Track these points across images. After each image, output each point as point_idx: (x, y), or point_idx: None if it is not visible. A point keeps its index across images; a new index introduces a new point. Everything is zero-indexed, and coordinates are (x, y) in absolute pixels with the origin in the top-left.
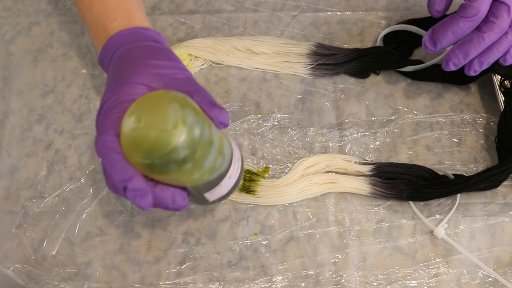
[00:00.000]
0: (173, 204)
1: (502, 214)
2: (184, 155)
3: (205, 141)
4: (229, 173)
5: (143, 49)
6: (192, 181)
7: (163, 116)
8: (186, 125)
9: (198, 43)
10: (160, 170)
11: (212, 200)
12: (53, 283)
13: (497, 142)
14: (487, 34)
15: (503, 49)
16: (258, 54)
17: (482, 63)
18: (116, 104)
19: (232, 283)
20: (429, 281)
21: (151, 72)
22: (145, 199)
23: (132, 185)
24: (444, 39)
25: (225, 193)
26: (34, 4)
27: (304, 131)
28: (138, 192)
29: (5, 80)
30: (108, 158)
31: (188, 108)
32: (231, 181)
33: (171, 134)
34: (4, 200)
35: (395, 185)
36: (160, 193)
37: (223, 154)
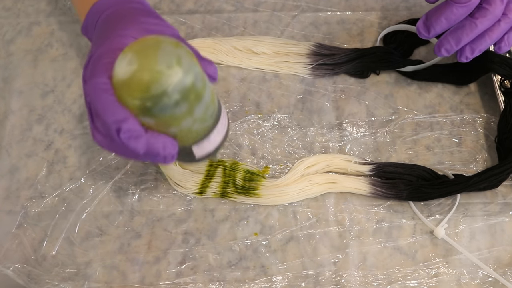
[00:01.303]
0: (164, 151)
1: (502, 214)
2: (178, 96)
3: (200, 85)
4: (217, 127)
5: (130, 10)
6: (183, 129)
7: (157, 58)
8: (182, 66)
9: (198, 43)
10: (153, 113)
11: (199, 156)
12: (53, 283)
13: (497, 142)
14: (479, 21)
15: (495, 37)
16: (258, 54)
17: (474, 50)
18: (107, 51)
19: (232, 283)
20: (429, 281)
21: (140, 27)
22: (139, 141)
23: (127, 126)
24: (437, 25)
25: (212, 149)
26: (34, 4)
27: (304, 131)
28: (132, 133)
29: (5, 80)
30: (101, 100)
31: (183, 50)
32: (219, 137)
33: (166, 75)
34: (4, 200)
35: (395, 185)
36: (151, 139)
37: (214, 105)
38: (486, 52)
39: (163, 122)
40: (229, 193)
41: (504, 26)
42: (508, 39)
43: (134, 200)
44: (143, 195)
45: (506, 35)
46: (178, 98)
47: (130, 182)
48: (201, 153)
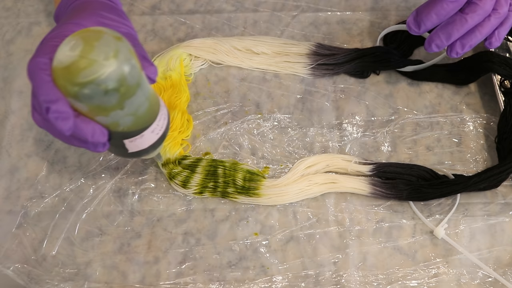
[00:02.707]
0: (92, 137)
1: (502, 214)
2: (109, 86)
3: (133, 81)
4: (152, 126)
5: (95, 3)
6: (112, 119)
7: (95, 47)
8: (117, 59)
9: (198, 43)
10: (84, 99)
11: (131, 151)
12: (53, 283)
13: (497, 142)
14: (470, 16)
15: (485, 32)
16: (258, 54)
17: (464, 45)
18: (56, 35)
19: (232, 283)
20: (429, 281)
21: (98, 20)
22: (66, 122)
23: (56, 107)
24: (428, 20)
25: (145, 147)
26: (34, 4)
27: (304, 131)
28: (60, 114)
29: (5, 80)
30: (37, 78)
31: (123, 45)
32: (153, 136)
33: (101, 64)
34: (4, 200)
35: (395, 185)
36: (81, 123)
37: (150, 104)
38: (486, 52)
39: (93, 109)
40: (229, 193)
41: (495, 22)
42: (498, 34)
43: (134, 200)
44: (143, 195)
45: (496, 30)
46: (109, 88)
47: (130, 182)
48: (133, 149)
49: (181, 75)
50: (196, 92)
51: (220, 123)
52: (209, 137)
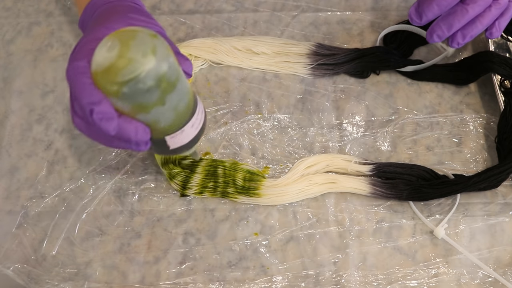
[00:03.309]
0: (135, 136)
1: (502, 214)
2: (150, 83)
3: (173, 77)
4: (192, 121)
5: (122, 7)
6: (154, 117)
7: (132, 46)
8: (156, 56)
9: (198, 43)
10: (126, 98)
11: (172, 147)
12: (53, 283)
13: (497, 142)
14: (471, 6)
15: (486, 23)
16: (258, 54)
17: (465, 36)
18: (91, 40)
19: (232, 283)
20: (429, 281)
21: (128, 22)
22: (110, 123)
23: (99, 108)
24: (429, 11)
25: (186, 142)
26: (34, 4)
27: (304, 131)
28: (104, 115)
29: (5, 80)
30: (78, 82)
31: (159, 41)
32: (193, 131)
33: (139, 62)
34: (4, 200)
35: (395, 185)
36: (124, 123)
37: (189, 98)
38: (486, 52)
39: (135, 108)
40: (229, 193)
41: (495, 12)
42: (499, 25)
43: (134, 200)
44: (143, 195)
45: (497, 20)
46: (150, 85)
47: (130, 182)
48: (174, 145)
49: None
50: (196, 92)
51: (220, 123)
52: (209, 137)
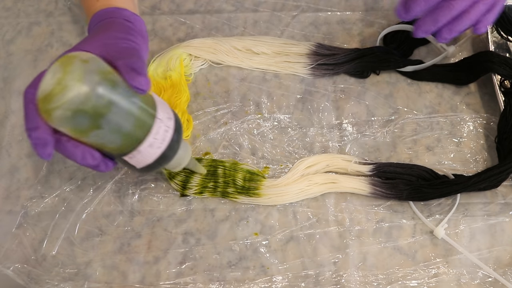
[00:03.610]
0: (82, 160)
1: (502, 214)
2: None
3: (102, 100)
4: (148, 140)
5: (110, 24)
6: (97, 140)
7: (68, 73)
8: (83, 82)
9: (198, 43)
10: (58, 124)
11: (139, 167)
12: (53, 283)
13: (497, 142)
14: (456, 2)
15: (473, 18)
16: (258, 54)
17: (452, 31)
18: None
19: (232, 283)
20: (429, 281)
21: (101, 42)
22: (44, 149)
23: (36, 134)
24: (416, 6)
25: (150, 162)
26: (34, 4)
27: (304, 131)
28: (39, 141)
29: (5, 80)
30: (25, 107)
31: (90, 68)
32: (155, 151)
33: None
34: (4, 200)
35: (395, 185)
36: (71, 148)
37: (136, 118)
38: (486, 52)
39: (74, 132)
40: (229, 193)
41: (483, 7)
42: (485, 21)
43: (134, 200)
44: (143, 195)
45: (484, 16)
46: (74, 111)
47: (130, 182)
48: (139, 164)
49: (181, 75)
50: (196, 92)
51: (220, 123)
52: (209, 137)
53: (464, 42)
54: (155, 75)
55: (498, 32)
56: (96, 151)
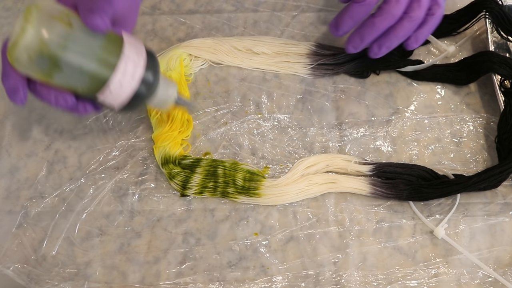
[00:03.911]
0: (55, 102)
1: (502, 214)
2: (29, 54)
3: (58, 43)
4: (115, 79)
5: None
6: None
7: (24, 21)
8: (36, 26)
9: (198, 43)
10: (22, 69)
11: (117, 106)
12: (53, 283)
13: (497, 142)
14: (378, 19)
15: (401, 35)
16: (258, 54)
17: (381, 47)
18: None
19: (232, 283)
20: (429, 281)
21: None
22: (15, 95)
23: (7, 82)
24: (344, 23)
25: (126, 101)
26: None
27: (304, 131)
28: (10, 88)
29: None
30: (1, 59)
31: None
32: (125, 90)
33: (24, 33)
34: (4, 200)
35: (395, 185)
36: (44, 92)
37: (97, 57)
38: (486, 52)
39: (41, 76)
40: (229, 193)
41: (408, 24)
42: (415, 37)
43: (134, 200)
44: (143, 195)
45: (415, 33)
46: (32, 56)
47: (130, 182)
48: (116, 104)
49: (181, 75)
50: (196, 92)
51: (220, 123)
52: (209, 137)
53: (464, 42)
54: None
55: (498, 32)
56: (70, 94)
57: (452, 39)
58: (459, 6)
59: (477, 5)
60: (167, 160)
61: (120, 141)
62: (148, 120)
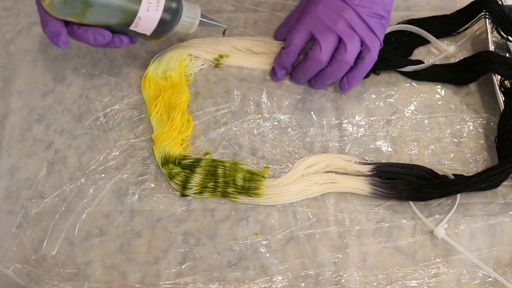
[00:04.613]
0: (94, 41)
1: (502, 214)
2: None
3: None
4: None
5: None
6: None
7: None
8: None
9: (198, 43)
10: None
11: (149, 33)
12: (53, 283)
13: (497, 142)
14: (307, 64)
15: (331, 77)
16: (258, 54)
17: (317, 83)
18: None
19: (232, 283)
20: (429, 281)
21: None
22: (58, 39)
23: (47, 29)
24: (278, 69)
25: (156, 26)
26: (34, 4)
27: (304, 131)
28: (51, 33)
29: (5, 80)
30: (38, 10)
31: None
32: (154, 14)
33: None
34: (4, 200)
35: (395, 185)
36: (82, 33)
37: None
38: (486, 52)
39: (75, 17)
40: (229, 193)
41: (337, 67)
42: (347, 80)
43: (134, 200)
44: (143, 195)
45: (346, 75)
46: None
47: (130, 182)
48: (148, 31)
49: (181, 75)
50: (196, 92)
51: (220, 123)
52: (209, 137)
53: (464, 42)
54: (155, 75)
55: (498, 32)
56: (105, 29)
57: (452, 39)
58: (459, 6)
59: (477, 5)
60: (167, 160)
61: (120, 141)
62: (148, 120)
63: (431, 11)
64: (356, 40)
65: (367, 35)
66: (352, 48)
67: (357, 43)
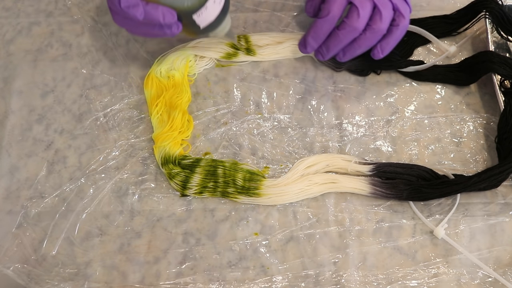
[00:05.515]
0: (163, 19)
1: (502, 214)
2: None
3: None
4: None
5: None
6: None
7: None
8: None
9: (205, 43)
10: None
11: (202, 25)
12: (53, 283)
13: (497, 142)
14: (341, 32)
15: (365, 45)
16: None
17: (345, 54)
18: None
19: (232, 283)
20: (429, 281)
21: None
22: (136, 9)
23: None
24: (311, 40)
25: (213, 18)
26: (34, 4)
27: (304, 131)
28: (129, 3)
29: (5, 80)
30: None
31: None
32: (216, 6)
33: None
34: (4, 200)
35: (395, 185)
36: (151, 10)
37: None
38: (486, 52)
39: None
40: (229, 193)
41: (371, 35)
42: (381, 47)
43: (134, 200)
44: (143, 195)
45: (380, 43)
46: None
47: (130, 182)
48: (203, 22)
49: (184, 76)
50: (196, 92)
51: (220, 123)
52: (209, 137)
53: (464, 42)
54: (158, 73)
55: (498, 32)
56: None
57: (452, 39)
58: (459, 6)
59: (477, 5)
60: (167, 160)
61: (120, 141)
62: (148, 120)
63: (431, 11)
64: (390, 8)
65: (399, 1)
66: (386, 16)
67: (390, 11)
